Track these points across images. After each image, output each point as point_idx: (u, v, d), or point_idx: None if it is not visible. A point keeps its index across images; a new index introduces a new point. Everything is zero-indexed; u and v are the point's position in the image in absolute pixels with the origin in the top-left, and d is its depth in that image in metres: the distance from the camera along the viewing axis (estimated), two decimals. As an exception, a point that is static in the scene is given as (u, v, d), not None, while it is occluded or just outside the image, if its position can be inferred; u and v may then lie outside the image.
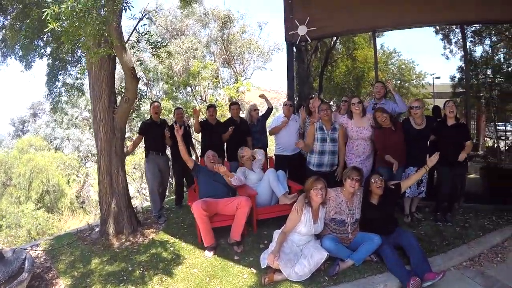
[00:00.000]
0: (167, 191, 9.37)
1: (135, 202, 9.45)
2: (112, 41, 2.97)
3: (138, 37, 3.68)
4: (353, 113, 3.88)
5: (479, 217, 4.00)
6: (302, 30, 5.04)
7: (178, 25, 12.31)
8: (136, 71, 3.71)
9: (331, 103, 5.37)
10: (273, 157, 4.79)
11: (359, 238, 3.15)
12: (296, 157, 4.54)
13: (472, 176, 5.05)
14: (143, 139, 4.59)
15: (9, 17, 4.19)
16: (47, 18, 2.41)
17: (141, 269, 3.26)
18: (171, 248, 3.67)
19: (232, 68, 12.38)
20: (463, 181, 4.26)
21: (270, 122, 5.07)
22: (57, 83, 4.53)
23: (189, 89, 10.02)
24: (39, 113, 14.77)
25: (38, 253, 3.92)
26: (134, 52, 3.75)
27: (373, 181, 3.20)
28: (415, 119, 3.81)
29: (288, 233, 3.08)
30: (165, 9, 12.50)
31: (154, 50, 3.53)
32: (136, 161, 11.64)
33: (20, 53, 4.11)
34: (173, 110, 5.01)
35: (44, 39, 4.18)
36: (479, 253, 3.29)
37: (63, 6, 2.41)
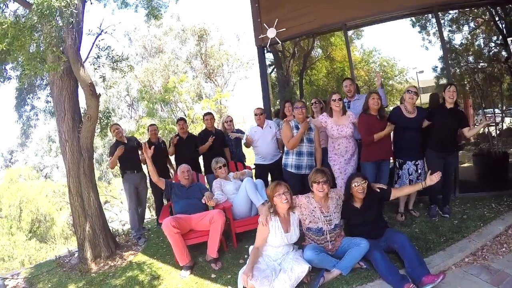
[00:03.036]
0: (151, 210, 9.18)
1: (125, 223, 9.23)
2: (60, 58, 2.81)
3: (98, 52, 3.56)
4: (333, 111, 3.65)
5: (477, 206, 3.75)
6: (271, 33, 4.92)
7: (156, 43, 12.26)
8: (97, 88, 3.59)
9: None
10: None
11: (345, 244, 2.89)
12: (276, 165, 4.33)
13: (465, 165, 4.84)
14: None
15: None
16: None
17: (116, 295, 3.10)
18: (148, 270, 3.48)
19: (213, 82, 12.27)
20: (456, 170, 4.07)
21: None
22: (26, 107, 4.43)
23: (171, 105, 9.91)
24: (27, 142, 14.65)
25: (18, 282, 3.88)
26: (95, 69, 3.62)
27: (353, 185, 2.92)
28: (408, 106, 3.62)
29: (260, 248, 2.83)
30: (143, 28, 12.52)
31: (114, 64, 3.40)
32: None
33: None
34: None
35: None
36: (481, 245, 2.98)
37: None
